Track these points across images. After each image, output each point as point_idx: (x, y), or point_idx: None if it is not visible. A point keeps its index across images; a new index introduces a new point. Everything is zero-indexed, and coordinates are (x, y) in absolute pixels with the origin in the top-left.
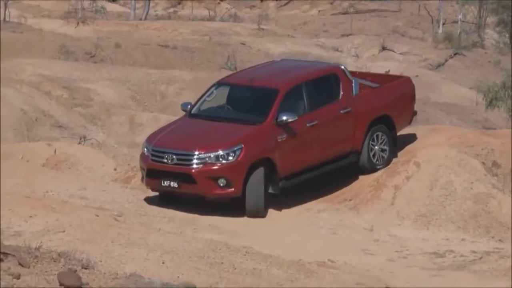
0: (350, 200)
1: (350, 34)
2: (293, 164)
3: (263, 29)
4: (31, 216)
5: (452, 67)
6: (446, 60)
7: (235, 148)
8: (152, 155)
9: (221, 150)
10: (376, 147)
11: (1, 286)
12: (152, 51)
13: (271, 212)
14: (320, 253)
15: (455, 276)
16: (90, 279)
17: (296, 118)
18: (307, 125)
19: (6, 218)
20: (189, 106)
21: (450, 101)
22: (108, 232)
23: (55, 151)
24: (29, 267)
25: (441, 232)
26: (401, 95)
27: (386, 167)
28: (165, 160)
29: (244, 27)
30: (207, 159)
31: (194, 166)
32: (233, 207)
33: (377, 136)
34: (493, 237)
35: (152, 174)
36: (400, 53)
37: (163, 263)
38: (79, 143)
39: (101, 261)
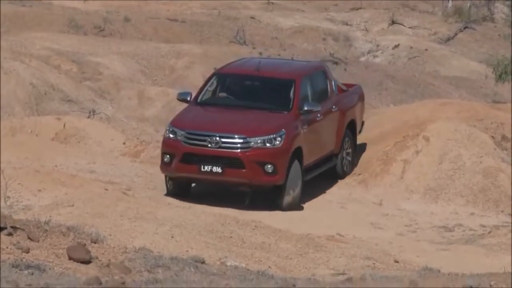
0: (359, 174)
1: (360, 8)
2: (309, 156)
3: (272, 3)
4: (40, 190)
5: (462, 41)
6: (455, 34)
7: (281, 133)
8: (189, 138)
9: (269, 134)
10: (344, 152)
11: (11, 260)
12: (161, 25)
13: None
14: (329, 227)
15: (464, 250)
16: (99, 253)
17: (320, 108)
18: (317, 118)
19: (15, 192)
20: (189, 97)
21: (459, 75)
22: (117, 206)
23: (64, 125)
24: (38, 241)
25: (450, 206)
26: (360, 101)
27: (396, 142)
28: (208, 144)
29: (253, 1)
30: (253, 143)
31: (243, 150)
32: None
33: (346, 140)
34: (502, 211)
35: (189, 159)
36: (409, 27)
37: (172, 237)
38: (88, 117)
39: (110, 235)
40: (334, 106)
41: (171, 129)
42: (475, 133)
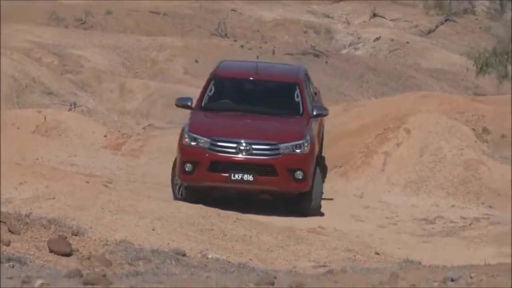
0: (341, 166)
1: (341, 0)
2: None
3: None
4: (21, 183)
5: (443, 34)
6: (437, 27)
7: (307, 139)
8: (215, 145)
9: (298, 140)
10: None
11: None
12: (143, 18)
13: None
14: (311, 220)
15: (444, 242)
16: (80, 245)
17: (327, 112)
18: (314, 123)
19: None
20: (189, 102)
21: (440, 67)
22: (98, 199)
23: (45, 118)
24: (19, 234)
25: (431, 198)
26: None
27: (377, 134)
28: (238, 151)
29: None
30: (283, 149)
31: (274, 156)
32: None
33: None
34: (482, 203)
35: (217, 167)
36: (391, 20)
37: (153, 229)
38: (69, 110)
39: (91, 228)
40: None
41: (191, 136)
42: (456, 126)
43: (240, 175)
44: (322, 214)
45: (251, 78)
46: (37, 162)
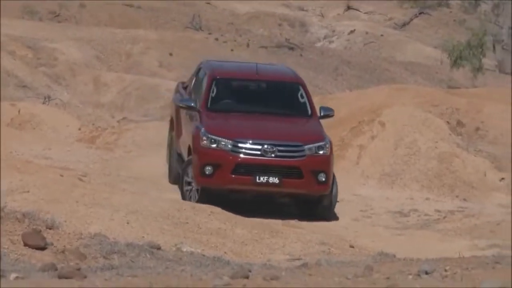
0: None
1: None
2: None
3: None
4: None
5: (417, 26)
6: (411, 19)
7: (327, 140)
8: (239, 147)
9: (320, 142)
10: None
11: None
12: (117, 11)
13: None
14: (286, 214)
15: (419, 235)
16: (54, 239)
17: (334, 113)
18: None
19: None
20: (193, 103)
21: (415, 60)
22: (73, 192)
23: (19, 111)
24: None
25: (405, 191)
26: None
27: (352, 127)
28: (263, 153)
29: None
30: (307, 151)
31: (299, 158)
32: None
33: None
34: (457, 196)
35: (241, 170)
36: (365, 13)
37: (127, 223)
38: (43, 103)
39: (65, 221)
40: None
41: (211, 138)
42: (430, 119)
43: (266, 178)
44: (337, 218)
45: (253, 79)
46: (11, 155)
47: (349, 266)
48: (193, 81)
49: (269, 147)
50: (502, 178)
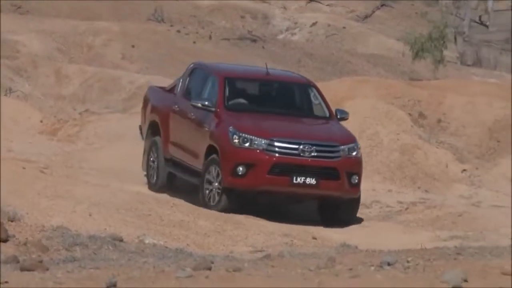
0: None
1: None
2: None
3: None
4: None
5: (379, 19)
6: (373, 12)
7: (357, 142)
8: (276, 147)
9: (352, 143)
10: None
11: None
12: (79, 3)
13: None
14: (251, 208)
15: (381, 227)
16: (16, 231)
17: (348, 116)
18: None
19: None
20: (207, 102)
21: (377, 52)
22: (35, 184)
23: None
24: None
25: (367, 183)
26: None
27: None
28: (300, 153)
29: None
30: (342, 152)
31: (337, 159)
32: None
33: None
34: (419, 188)
35: (277, 170)
36: (327, 5)
37: (90, 215)
38: (4, 95)
39: (27, 214)
40: None
41: (244, 137)
42: (392, 111)
43: (303, 179)
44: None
45: (265, 79)
46: None
47: (311, 257)
48: (186, 83)
49: (306, 146)
50: (464, 170)
